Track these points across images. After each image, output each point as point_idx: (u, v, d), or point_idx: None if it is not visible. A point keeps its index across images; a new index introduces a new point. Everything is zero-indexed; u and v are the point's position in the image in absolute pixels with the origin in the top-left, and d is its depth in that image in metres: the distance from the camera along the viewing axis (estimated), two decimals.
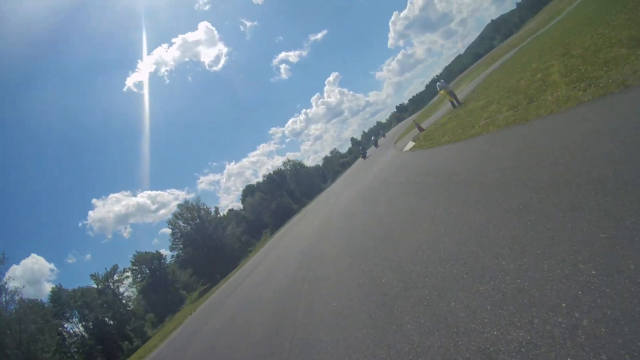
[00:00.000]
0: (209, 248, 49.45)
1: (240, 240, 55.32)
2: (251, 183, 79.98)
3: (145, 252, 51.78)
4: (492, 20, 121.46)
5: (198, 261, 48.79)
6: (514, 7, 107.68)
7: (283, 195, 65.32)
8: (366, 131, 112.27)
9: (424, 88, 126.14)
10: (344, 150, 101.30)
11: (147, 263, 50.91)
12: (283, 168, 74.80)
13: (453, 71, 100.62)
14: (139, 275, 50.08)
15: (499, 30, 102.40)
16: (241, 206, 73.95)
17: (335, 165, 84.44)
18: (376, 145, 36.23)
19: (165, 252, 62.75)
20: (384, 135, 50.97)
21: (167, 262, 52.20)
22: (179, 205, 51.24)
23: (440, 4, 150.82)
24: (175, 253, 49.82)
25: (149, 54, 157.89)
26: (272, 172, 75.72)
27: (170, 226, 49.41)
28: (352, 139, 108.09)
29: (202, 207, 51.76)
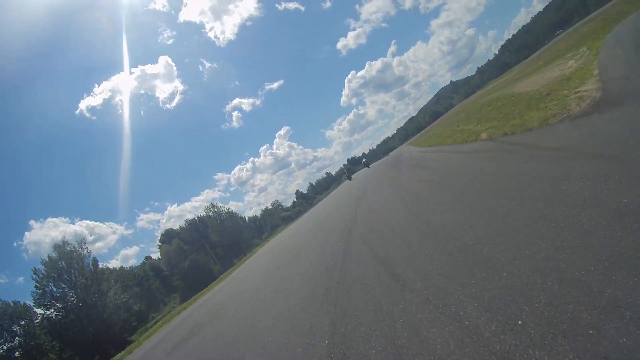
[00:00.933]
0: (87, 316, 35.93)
1: (128, 310, 41.38)
2: (173, 227, 65.10)
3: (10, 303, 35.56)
4: (451, 81, 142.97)
5: (77, 332, 34.23)
6: (473, 72, 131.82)
7: (203, 248, 54.13)
8: (313, 183, 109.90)
9: (374, 147, 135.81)
10: (288, 203, 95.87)
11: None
12: (205, 214, 62.78)
13: (406, 132, 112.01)
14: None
15: (458, 91, 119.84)
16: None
17: (276, 218, 77.31)
18: (368, 166, 42.49)
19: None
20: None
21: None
22: (55, 246, 37.36)
23: (397, 68, 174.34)
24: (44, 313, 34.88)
25: (107, 79, 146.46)
26: (195, 218, 63.40)
27: (34, 275, 35.14)
28: (297, 192, 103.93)
29: (80, 253, 38.37)
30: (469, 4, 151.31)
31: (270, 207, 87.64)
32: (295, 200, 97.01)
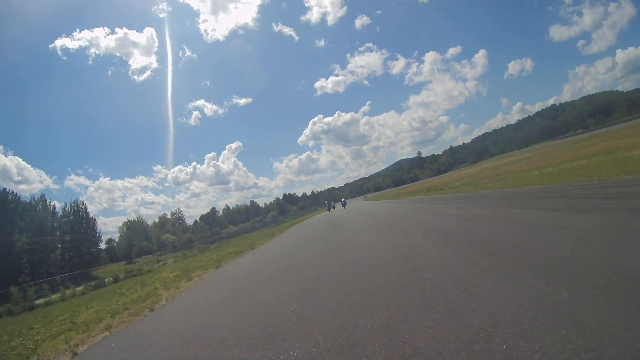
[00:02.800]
0: None
1: None
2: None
3: None
4: (419, 152, 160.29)
5: None
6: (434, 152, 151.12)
7: None
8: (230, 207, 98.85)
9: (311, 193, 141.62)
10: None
11: None
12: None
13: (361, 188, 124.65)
14: None
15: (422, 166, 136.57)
16: None
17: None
18: (344, 205, 42.76)
19: None
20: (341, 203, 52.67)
21: None
22: None
23: (364, 126, 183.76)
24: None
25: (90, 29, 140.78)
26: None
27: None
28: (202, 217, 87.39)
29: None
30: (451, 92, 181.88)
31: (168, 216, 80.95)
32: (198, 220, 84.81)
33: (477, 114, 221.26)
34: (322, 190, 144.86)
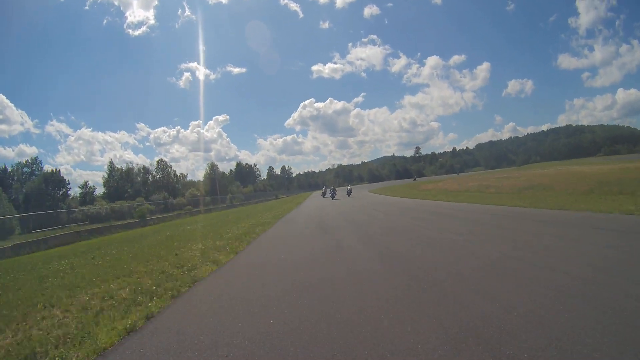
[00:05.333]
0: None
1: None
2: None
3: None
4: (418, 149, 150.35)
5: None
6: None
7: None
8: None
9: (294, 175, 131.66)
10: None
11: None
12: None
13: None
14: None
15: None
16: None
17: None
18: (349, 194, 31.99)
19: None
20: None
21: None
22: None
23: (353, 118, 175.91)
24: None
25: None
26: None
27: None
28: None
29: None
30: (447, 99, 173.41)
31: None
32: None
33: (468, 126, 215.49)
34: (301, 172, 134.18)
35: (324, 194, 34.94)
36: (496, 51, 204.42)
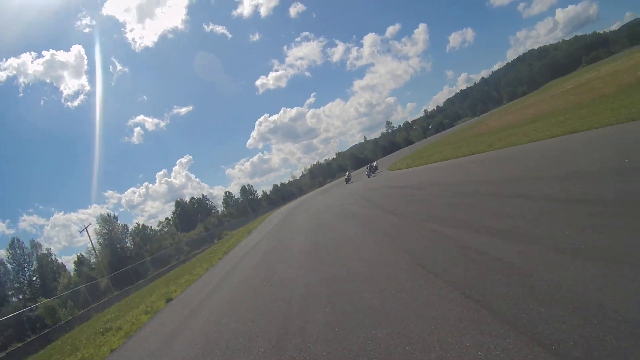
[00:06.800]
0: None
1: None
2: None
3: None
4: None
5: None
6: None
7: None
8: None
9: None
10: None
11: None
12: None
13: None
14: None
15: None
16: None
17: None
18: (347, 181, 32.65)
19: None
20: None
21: None
22: None
23: (311, 119, 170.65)
24: None
25: (17, 55, 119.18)
26: None
27: None
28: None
29: None
30: (395, 72, 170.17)
31: None
32: None
33: (423, 91, 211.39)
34: (279, 184, 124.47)
35: (347, 180, 33.16)
36: (428, 10, 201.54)
